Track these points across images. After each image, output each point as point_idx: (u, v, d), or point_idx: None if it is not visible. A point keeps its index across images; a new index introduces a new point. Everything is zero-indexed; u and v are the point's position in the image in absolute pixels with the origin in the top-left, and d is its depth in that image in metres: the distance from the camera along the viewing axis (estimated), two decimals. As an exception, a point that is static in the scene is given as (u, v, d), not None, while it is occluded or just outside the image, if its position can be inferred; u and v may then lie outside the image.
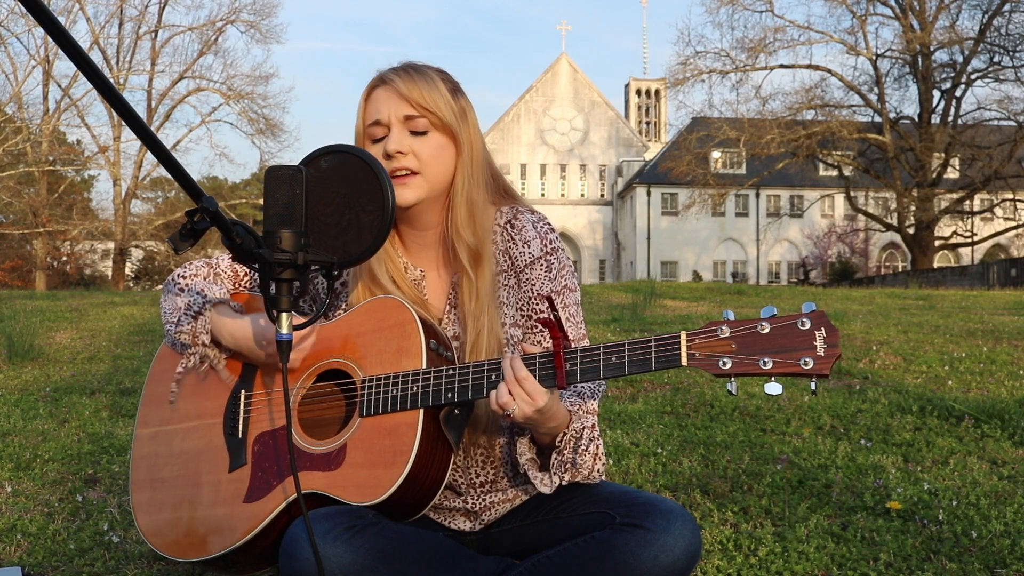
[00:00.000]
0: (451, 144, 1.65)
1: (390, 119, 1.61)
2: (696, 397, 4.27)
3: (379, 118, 1.62)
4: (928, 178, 28.43)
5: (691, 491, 2.78)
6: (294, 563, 1.40)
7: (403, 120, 1.61)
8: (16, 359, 5.70)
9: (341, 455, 1.51)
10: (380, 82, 1.65)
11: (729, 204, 41.63)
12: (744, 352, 1.35)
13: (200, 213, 1.17)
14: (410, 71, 1.64)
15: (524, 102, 50.00)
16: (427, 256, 1.72)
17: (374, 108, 1.63)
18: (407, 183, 1.61)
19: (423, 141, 1.62)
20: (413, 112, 1.61)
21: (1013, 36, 27.74)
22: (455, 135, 1.65)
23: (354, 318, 1.61)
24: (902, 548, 2.26)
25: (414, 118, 1.61)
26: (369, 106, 1.65)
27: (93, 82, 0.99)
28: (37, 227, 30.49)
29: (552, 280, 1.68)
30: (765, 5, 29.56)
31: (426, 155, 1.62)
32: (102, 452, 3.39)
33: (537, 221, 1.72)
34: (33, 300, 11.16)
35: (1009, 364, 5.18)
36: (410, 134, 1.62)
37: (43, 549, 2.35)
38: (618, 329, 7.23)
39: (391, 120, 1.61)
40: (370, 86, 1.66)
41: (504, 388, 1.44)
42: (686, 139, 30.90)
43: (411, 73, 1.64)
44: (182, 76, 32.12)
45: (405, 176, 1.61)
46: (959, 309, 9.38)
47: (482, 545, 1.67)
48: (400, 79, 1.62)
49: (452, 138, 1.65)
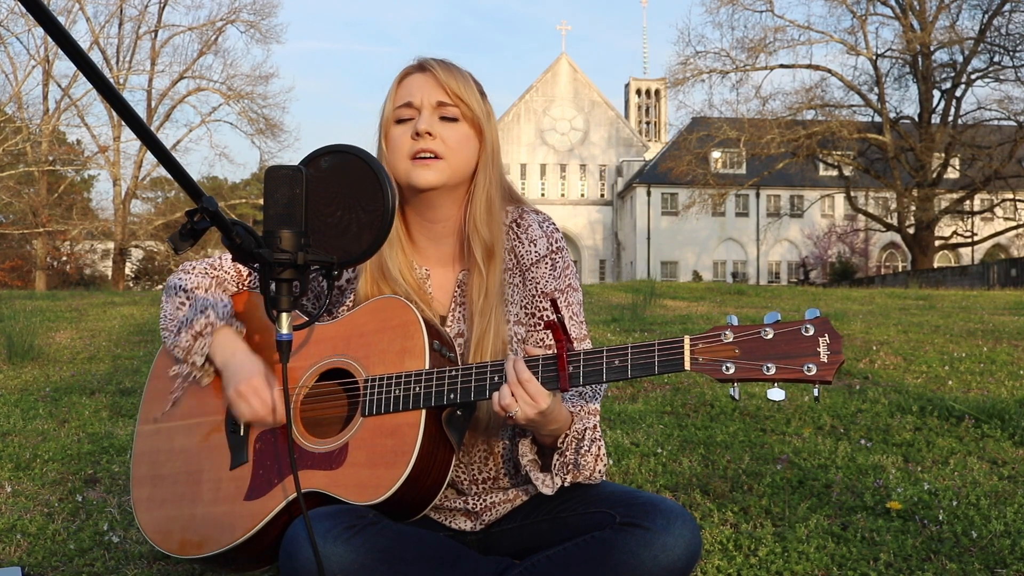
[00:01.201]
0: (476, 138, 1.67)
1: (423, 102, 1.63)
2: (696, 397, 4.27)
3: (411, 100, 1.63)
4: (928, 178, 28.43)
5: (691, 491, 2.78)
6: (294, 562, 1.41)
7: (435, 106, 1.63)
8: (16, 359, 5.69)
9: (343, 454, 1.51)
10: (419, 68, 1.67)
11: (729, 204, 41.64)
12: (747, 357, 1.36)
13: (200, 213, 1.17)
14: (449, 63, 1.68)
15: (524, 102, 50.01)
16: (434, 252, 1.72)
17: (407, 91, 1.65)
18: (430, 165, 1.62)
19: (452, 128, 1.63)
20: (447, 99, 1.63)
21: (1013, 36, 27.76)
22: (481, 130, 1.67)
23: (358, 317, 1.61)
24: (902, 548, 2.26)
25: (446, 105, 1.63)
26: (401, 89, 1.66)
27: (93, 82, 0.99)
28: (37, 227, 30.48)
29: (556, 279, 1.69)
30: (765, 5, 29.58)
31: (453, 142, 1.63)
32: (102, 452, 3.39)
33: (543, 221, 1.74)
34: (33, 300, 11.16)
35: (1009, 364, 5.18)
36: (440, 120, 1.63)
37: (43, 549, 2.35)
38: (618, 329, 7.23)
39: (423, 103, 1.63)
40: (405, 71, 1.68)
41: (507, 390, 1.44)
42: (686, 139, 30.90)
43: (449, 65, 1.67)
44: (182, 76, 32.13)
45: (430, 159, 1.62)
46: (959, 309, 9.38)
47: (482, 545, 1.67)
48: (440, 67, 1.65)
49: (478, 132, 1.67)
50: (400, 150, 1.63)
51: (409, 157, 1.62)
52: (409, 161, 1.62)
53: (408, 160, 1.62)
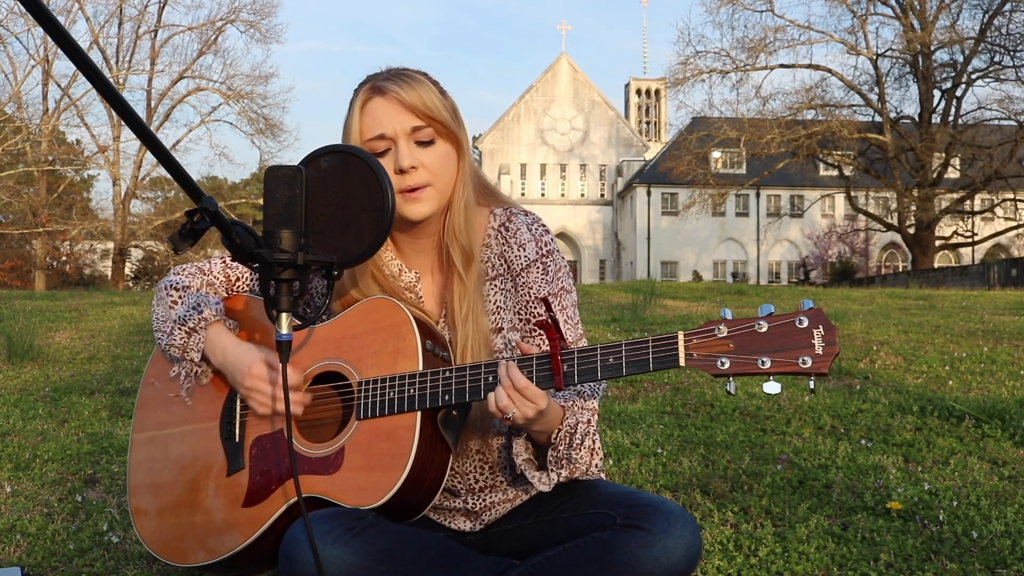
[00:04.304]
0: (454, 150, 1.62)
1: (396, 132, 1.56)
2: (696, 397, 4.26)
3: (383, 132, 1.56)
4: (928, 178, 28.42)
5: (691, 491, 2.78)
6: (294, 565, 1.40)
7: (409, 132, 1.57)
8: (16, 359, 5.69)
9: (339, 458, 1.50)
10: (377, 92, 1.58)
11: (729, 204, 41.62)
12: (742, 351, 1.35)
13: (200, 213, 1.17)
14: (404, 77, 1.59)
15: (524, 102, 49.98)
16: (421, 261, 1.71)
17: (375, 121, 1.57)
18: (420, 197, 1.58)
19: (430, 151, 1.59)
20: (419, 123, 1.57)
21: (1014, 36, 27.75)
22: (457, 139, 1.62)
23: (348, 319, 1.60)
24: (902, 548, 2.26)
25: (420, 129, 1.57)
26: (367, 118, 1.57)
27: (93, 82, 0.98)
28: (37, 227, 30.48)
29: (549, 283, 1.67)
30: (765, 5, 29.58)
31: (435, 166, 1.59)
32: (102, 452, 3.39)
33: (531, 223, 1.70)
34: (33, 300, 11.17)
35: (1010, 364, 5.18)
36: (416, 145, 1.58)
37: (43, 549, 2.35)
38: (618, 329, 7.22)
39: (397, 133, 1.57)
40: (365, 95, 1.58)
41: (503, 392, 1.43)
42: (686, 139, 30.89)
43: (406, 80, 1.58)
44: (182, 76, 32.13)
45: (419, 190, 1.58)
46: (959, 309, 9.38)
47: (482, 545, 1.66)
48: (399, 87, 1.57)
49: (455, 143, 1.62)
50: None
51: (397, 191, 1.54)
52: (398, 195, 1.56)
53: (397, 194, 1.54)
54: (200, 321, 1.64)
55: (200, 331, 1.64)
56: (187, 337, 1.64)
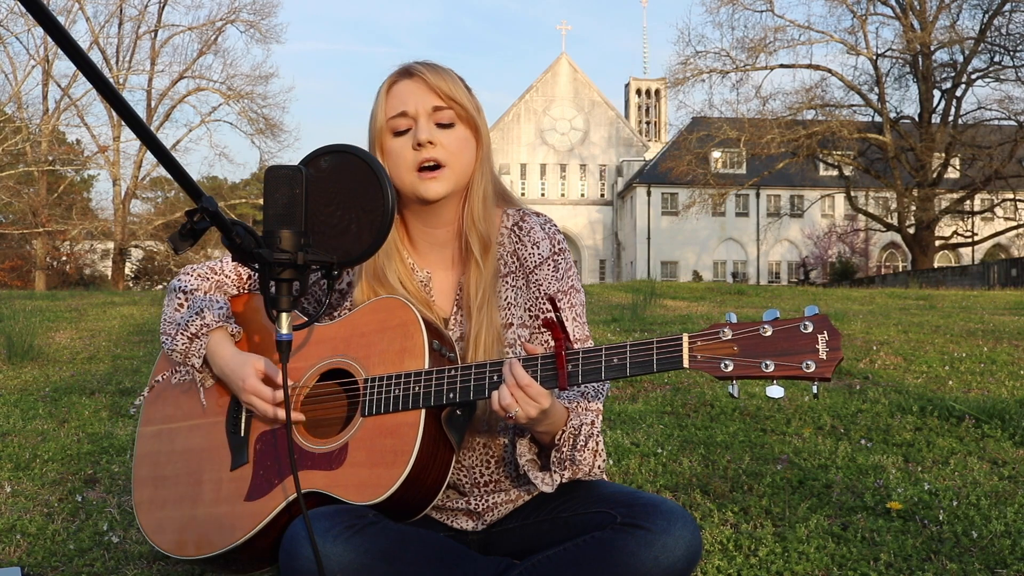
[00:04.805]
0: (473, 138, 1.66)
1: (417, 110, 1.61)
2: (696, 397, 4.26)
3: (405, 109, 1.62)
4: (928, 178, 28.42)
5: (691, 491, 2.78)
6: (294, 562, 1.41)
7: (431, 112, 1.61)
8: (16, 359, 5.69)
9: (343, 454, 1.51)
10: (406, 74, 1.64)
11: (729, 204, 41.63)
12: (746, 355, 1.35)
13: (200, 213, 1.17)
14: (434, 65, 1.66)
15: (524, 102, 49.99)
16: (435, 257, 1.72)
17: (399, 100, 1.63)
18: (436, 176, 1.61)
19: (449, 133, 1.62)
20: (441, 103, 1.62)
21: (1013, 36, 27.74)
22: (477, 128, 1.66)
23: (357, 318, 1.61)
24: (902, 548, 2.26)
25: (442, 109, 1.62)
26: (392, 98, 1.63)
27: (93, 82, 0.98)
28: (37, 227, 30.48)
29: (559, 280, 1.69)
30: (765, 5, 29.57)
31: (454, 147, 1.62)
32: (102, 452, 3.39)
33: (544, 223, 1.74)
34: (33, 300, 11.16)
35: (1009, 364, 5.18)
36: (436, 126, 1.62)
37: (43, 549, 2.35)
38: (618, 329, 7.23)
39: (418, 111, 1.61)
40: (392, 78, 1.66)
41: (507, 390, 1.43)
42: (686, 139, 30.88)
43: (435, 67, 1.65)
44: (182, 76, 32.14)
45: (434, 170, 1.61)
46: (959, 309, 9.38)
47: (483, 544, 1.67)
48: (427, 71, 1.63)
49: (474, 131, 1.66)
50: (403, 162, 1.62)
51: (414, 169, 1.61)
52: (414, 174, 1.61)
53: (413, 172, 1.61)
54: (202, 327, 1.65)
55: (202, 337, 1.65)
56: (189, 343, 1.66)
